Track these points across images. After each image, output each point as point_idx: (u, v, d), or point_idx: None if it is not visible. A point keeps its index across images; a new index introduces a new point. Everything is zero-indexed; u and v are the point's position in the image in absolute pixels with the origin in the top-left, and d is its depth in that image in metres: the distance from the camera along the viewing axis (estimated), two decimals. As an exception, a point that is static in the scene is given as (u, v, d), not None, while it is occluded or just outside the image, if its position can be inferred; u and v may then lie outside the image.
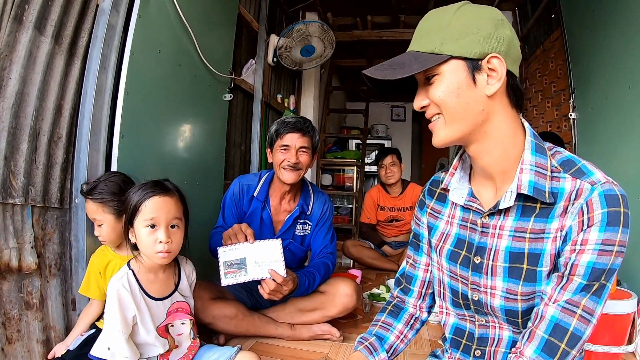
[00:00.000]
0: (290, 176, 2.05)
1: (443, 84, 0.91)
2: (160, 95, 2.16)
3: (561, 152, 0.97)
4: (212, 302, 1.86)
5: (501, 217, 0.98)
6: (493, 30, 0.89)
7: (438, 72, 0.91)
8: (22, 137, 1.54)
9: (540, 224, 0.92)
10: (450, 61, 0.90)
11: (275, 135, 2.09)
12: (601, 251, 0.84)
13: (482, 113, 0.92)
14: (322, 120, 5.94)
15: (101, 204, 1.56)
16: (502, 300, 0.97)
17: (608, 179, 0.87)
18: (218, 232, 1.95)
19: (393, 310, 1.27)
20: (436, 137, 0.98)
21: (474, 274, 1.02)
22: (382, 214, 3.98)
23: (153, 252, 1.37)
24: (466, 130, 0.94)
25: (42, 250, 1.63)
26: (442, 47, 0.89)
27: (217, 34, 2.80)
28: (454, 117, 0.93)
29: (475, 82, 0.90)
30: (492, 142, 0.95)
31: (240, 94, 3.52)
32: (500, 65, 0.89)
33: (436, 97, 0.93)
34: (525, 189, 0.90)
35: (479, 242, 1.02)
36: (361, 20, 5.10)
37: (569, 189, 0.89)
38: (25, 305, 1.55)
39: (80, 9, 1.75)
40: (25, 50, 1.53)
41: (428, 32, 0.93)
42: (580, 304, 0.85)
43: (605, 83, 2.63)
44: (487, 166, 0.98)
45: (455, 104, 0.91)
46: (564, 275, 0.88)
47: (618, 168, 2.43)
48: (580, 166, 0.91)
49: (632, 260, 2.06)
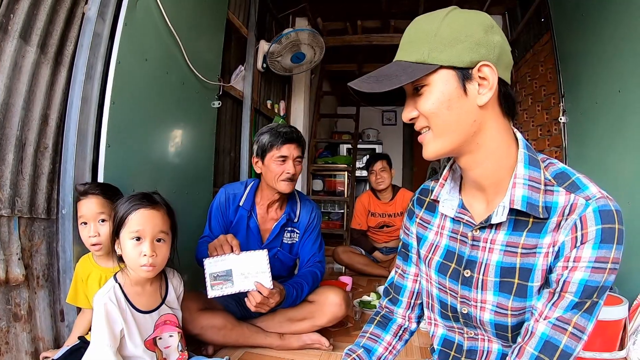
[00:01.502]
0: (288, 187, 2.05)
1: (433, 96, 0.87)
2: (148, 104, 2.15)
3: (555, 164, 0.94)
4: (200, 312, 1.85)
5: (492, 231, 0.95)
6: (483, 37, 0.86)
7: (427, 83, 0.87)
8: (7, 147, 1.53)
9: (532, 239, 0.90)
10: (439, 71, 0.86)
11: (268, 146, 2.05)
12: (594, 269, 0.82)
13: (474, 124, 0.89)
14: (312, 126, 5.94)
15: (110, 200, 1.55)
16: (492, 315, 0.95)
17: (603, 194, 0.85)
18: (205, 242, 1.94)
19: (381, 321, 1.24)
20: (427, 151, 0.94)
21: (463, 287, 1.00)
22: (373, 220, 3.98)
23: (137, 265, 1.36)
24: (458, 143, 0.90)
25: (29, 262, 1.62)
26: (430, 57, 0.85)
27: (206, 40, 2.79)
28: (445, 130, 0.89)
29: (466, 92, 0.86)
30: (484, 154, 0.92)
31: (230, 101, 3.52)
32: (492, 74, 0.85)
33: (426, 109, 0.89)
34: (519, 204, 0.88)
35: (469, 256, 0.99)
36: (351, 25, 5.12)
37: (562, 204, 0.87)
38: (13, 317, 1.54)
39: (66, 18, 1.73)
40: (11, 60, 1.52)
41: (416, 41, 0.88)
42: (571, 321, 0.83)
43: (595, 87, 2.65)
44: (479, 178, 0.95)
45: (446, 116, 0.88)
46: (555, 291, 0.86)
47: (608, 172, 2.43)
48: (574, 179, 0.89)
49: (624, 265, 2.04)
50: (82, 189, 1.59)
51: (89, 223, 1.55)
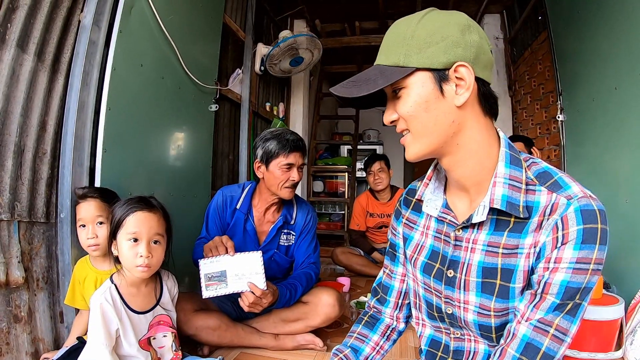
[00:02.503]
0: (291, 193, 2.10)
1: (410, 98, 0.88)
2: (144, 109, 2.18)
3: (538, 163, 0.93)
4: (195, 313, 1.87)
5: (474, 231, 0.95)
6: (459, 37, 0.85)
7: (404, 85, 0.88)
8: (7, 154, 1.56)
9: (513, 239, 0.89)
10: (416, 73, 0.86)
11: (275, 153, 2.05)
12: (576, 269, 0.81)
13: (453, 125, 0.89)
14: (312, 127, 5.94)
15: (108, 204, 1.60)
16: (475, 315, 0.95)
17: (586, 193, 0.84)
18: (201, 244, 1.96)
19: (369, 321, 1.24)
20: (408, 153, 0.94)
21: (447, 287, 1.00)
22: (372, 221, 4.00)
23: (133, 265, 1.40)
24: (437, 144, 0.90)
25: (29, 265, 1.65)
26: (406, 60, 0.86)
27: (201, 44, 2.81)
28: (423, 131, 0.90)
29: (443, 93, 0.87)
30: (465, 154, 0.92)
31: (228, 104, 3.54)
32: (469, 74, 0.85)
33: (404, 111, 0.89)
34: (499, 203, 0.87)
35: (452, 256, 0.99)
36: (349, 27, 5.14)
37: (544, 203, 0.86)
38: (13, 318, 1.57)
39: (63, 26, 1.76)
40: (8, 69, 1.55)
41: (393, 44, 0.89)
42: (553, 323, 0.83)
43: (592, 84, 2.65)
44: (461, 178, 0.95)
45: (424, 118, 0.88)
46: (537, 293, 0.85)
47: (606, 169, 2.43)
48: (556, 179, 0.88)
49: (622, 263, 2.05)
50: (80, 193, 1.64)
51: (87, 225, 1.60)
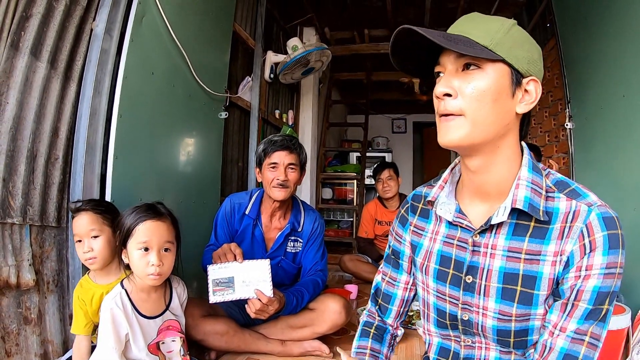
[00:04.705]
0: (280, 193, 2.07)
1: (484, 82, 0.86)
2: (154, 116, 2.20)
3: (554, 174, 0.96)
4: (203, 319, 1.88)
5: (492, 236, 0.95)
6: (538, 58, 0.90)
7: (483, 68, 0.86)
8: (19, 159, 1.58)
9: (535, 244, 0.90)
10: (499, 63, 0.86)
11: (263, 155, 2.12)
12: (606, 275, 0.82)
13: (506, 127, 0.89)
14: (321, 134, 5.95)
15: (101, 215, 1.56)
16: (495, 321, 0.94)
17: (601, 201, 0.86)
18: (210, 250, 1.97)
19: (377, 333, 1.21)
20: (450, 135, 0.89)
21: (465, 293, 0.98)
22: (380, 228, 3.97)
23: (145, 274, 1.41)
24: (486, 138, 0.88)
25: (39, 268, 1.67)
26: (496, 47, 0.85)
27: (212, 53, 2.83)
28: (481, 120, 0.87)
29: (513, 94, 0.88)
30: (499, 158, 0.92)
31: (237, 111, 3.56)
32: (537, 90, 0.89)
33: (473, 91, 0.86)
34: (521, 204, 0.88)
35: (470, 261, 0.97)
36: (358, 34, 5.14)
37: (564, 210, 0.88)
38: (23, 320, 1.59)
39: (75, 34, 1.79)
40: (22, 76, 1.57)
41: (485, 28, 0.87)
42: (588, 331, 0.84)
43: (600, 92, 2.63)
44: (486, 183, 0.95)
45: (489, 107, 0.86)
46: (569, 301, 0.86)
47: (614, 178, 2.41)
48: (574, 187, 0.91)
49: (629, 273, 1.98)
50: (73, 207, 1.59)
51: (82, 240, 1.54)
